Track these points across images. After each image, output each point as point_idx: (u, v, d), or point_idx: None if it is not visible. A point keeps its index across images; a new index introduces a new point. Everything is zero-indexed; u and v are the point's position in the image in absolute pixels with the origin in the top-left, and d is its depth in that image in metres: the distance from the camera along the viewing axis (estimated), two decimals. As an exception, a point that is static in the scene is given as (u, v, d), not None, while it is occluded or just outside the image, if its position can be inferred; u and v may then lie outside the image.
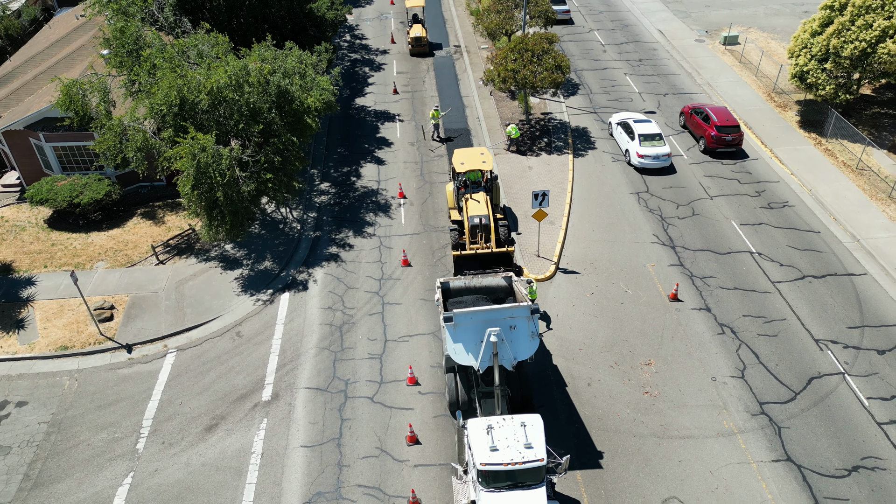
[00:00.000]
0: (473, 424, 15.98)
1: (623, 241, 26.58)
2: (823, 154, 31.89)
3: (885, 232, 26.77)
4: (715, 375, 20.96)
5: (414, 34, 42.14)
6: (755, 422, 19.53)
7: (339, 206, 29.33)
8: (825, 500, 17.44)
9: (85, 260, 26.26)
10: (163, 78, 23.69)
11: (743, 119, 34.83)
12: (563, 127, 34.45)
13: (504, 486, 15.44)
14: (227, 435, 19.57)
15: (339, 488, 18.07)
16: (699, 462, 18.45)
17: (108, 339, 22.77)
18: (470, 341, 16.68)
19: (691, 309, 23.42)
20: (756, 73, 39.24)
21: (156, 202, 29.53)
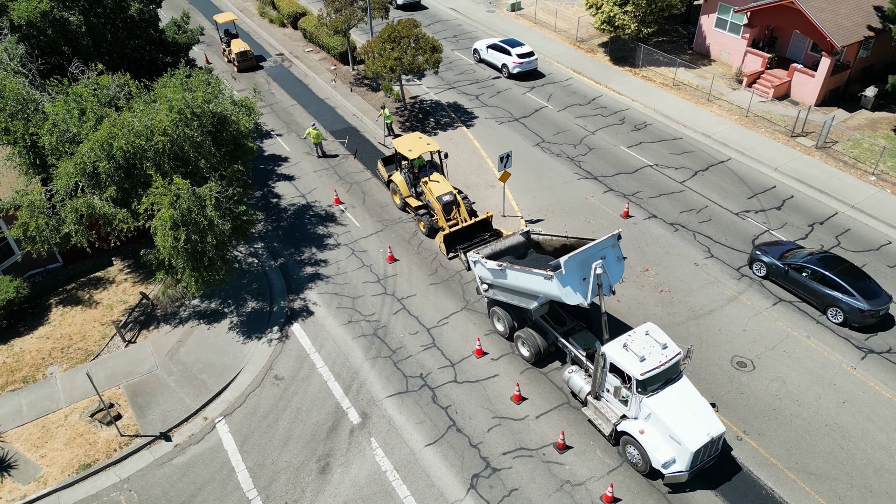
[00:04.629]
0: (611, 348, 17.87)
1: (556, 185, 29.84)
2: (644, 80, 38.63)
3: (722, 125, 33.92)
4: (695, 261, 25.39)
5: (238, 49, 40.15)
6: (743, 283, 24.35)
7: (281, 230, 27.91)
8: (817, 316, 22.79)
9: (30, 371, 21.67)
10: (89, 131, 20.52)
11: (569, 66, 40.29)
12: (438, 105, 36.44)
13: (658, 387, 17.68)
14: (346, 468, 18.64)
15: (489, 464, 18.61)
16: (732, 325, 22.61)
17: (135, 437, 19.56)
18: (575, 281, 18.35)
19: (643, 220, 27.63)
20: (554, 29, 45.20)
21: (66, 285, 25.05)
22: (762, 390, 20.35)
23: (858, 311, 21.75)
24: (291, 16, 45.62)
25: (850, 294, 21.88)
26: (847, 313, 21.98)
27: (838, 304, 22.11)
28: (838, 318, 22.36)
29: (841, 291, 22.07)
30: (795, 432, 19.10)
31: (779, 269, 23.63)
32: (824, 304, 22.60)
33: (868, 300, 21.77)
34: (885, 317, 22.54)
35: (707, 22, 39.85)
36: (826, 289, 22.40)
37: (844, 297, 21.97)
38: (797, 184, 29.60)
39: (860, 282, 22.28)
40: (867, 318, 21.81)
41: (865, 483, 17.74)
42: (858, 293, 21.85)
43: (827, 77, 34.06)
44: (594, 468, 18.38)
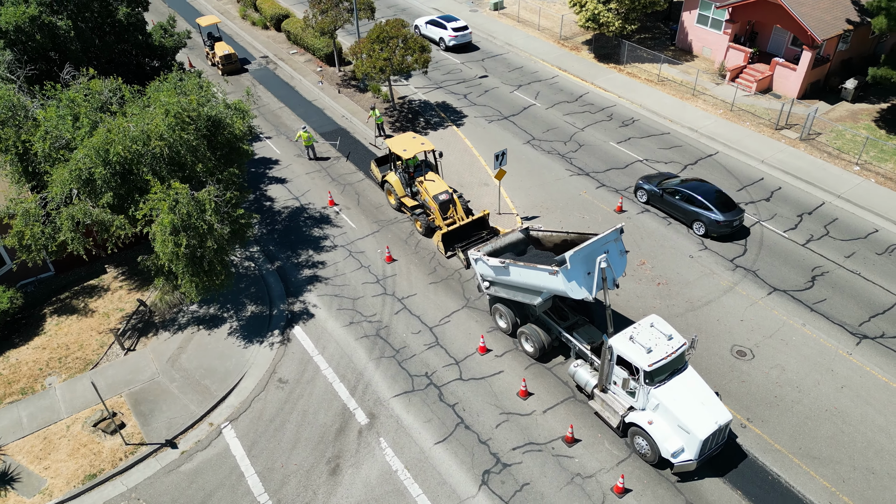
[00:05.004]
0: (617, 340, 18.08)
1: (549, 182, 30.06)
2: (629, 77, 39.06)
3: (707, 120, 34.43)
4: (690, 254, 25.76)
5: (222, 52, 39.81)
6: (737, 274, 24.75)
7: (276, 233, 27.75)
8: (811, 304, 23.27)
9: (28, 382, 21.30)
10: (84, 137, 20.25)
11: (554, 64, 40.58)
12: (426, 105, 36.48)
13: (665, 378, 17.93)
14: (357, 469, 18.62)
15: (499, 459, 18.71)
16: (729, 315, 22.98)
17: (140, 445, 19.33)
18: (580, 276, 18.52)
19: (637, 214, 27.95)
20: (538, 27, 45.49)
21: (59, 295, 24.66)
22: (763, 378, 20.72)
23: (716, 222, 25.67)
24: (274, 18, 45.35)
25: (709, 209, 25.76)
26: (707, 225, 25.95)
27: (700, 218, 26.09)
28: (701, 231, 26.31)
29: (702, 207, 25.99)
30: (797, 418, 19.50)
31: (656, 194, 27.52)
32: (690, 219, 26.60)
33: (723, 213, 25.52)
34: (738, 227, 26.22)
35: (688, 18, 40.41)
36: (691, 206, 26.38)
37: (704, 211, 25.89)
38: (784, 175, 30.16)
39: (718, 199, 26.01)
40: (722, 227, 25.68)
41: (867, 465, 18.17)
42: (716, 208, 25.68)
43: (808, 70, 34.75)
44: (603, 460, 18.58)
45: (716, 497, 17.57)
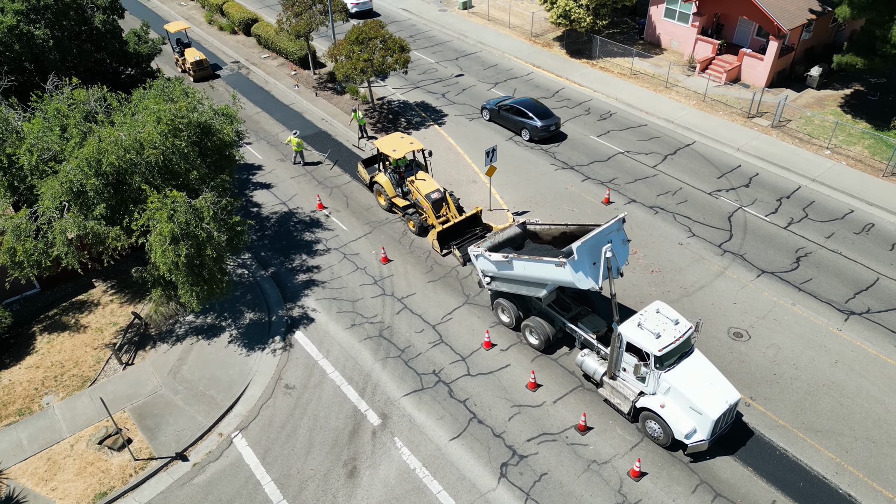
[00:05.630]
0: (626, 328, 18.47)
1: (535, 177, 30.42)
2: (602, 71, 39.76)
3: (682, 111, 35.29)
4: (679, 241, 26.39)
5: (193, 58, 39.09)
6: (726, 259, 25.48)
7: (266, 239, 27.44)
8: (798, 284, 24.11)
9: (24, 403, 20.64)
10: (73, 148, 19.73)
11: (528, 61, 41.03)
12: (406, 105, 36.50)
13: (674, 362, 18.39)
14: (375, 469, 18.60)
15: (515, 451, 18.91)
16: (722, 299, 23.65)
17: (150, 460, 18.93)
18: (586, 266, 18.84)
19: (624, 204, 28.50)
20: (509, 25, 45.91)
21: (48, 312, 23.94)
22: (761, 357, 21.40)
23: (535, 127, 32.15)
24: (243, 22, 44.74)
25: (530, 118, 32.30)
26: (530, 131, 32.44)
27: (525, 125, 32.57)
28: (526, 136, 32.84)
29: (525, 117, 32.56)
30: (797, 394, 20.20)
31: (494, 111, 34.03)
32: (518, 127, 33.12)
33: (541, 120, 32.13)
34: (555, 132, 32.73)
35: (656, 12, 41.31)
36: (518, 117, 32.92)
37: (528, 120, 32.42)
38: (760, 162, 31.13)
39: (537, 109, 32.67)
40: (541, 132, 32.20)
41: (867, 435, 18.94)
42: (536, 117, 32.22)
43: (775, 60, 35.92)
44: (617, 446, 18.95)
45: (728, 475, 18.09)
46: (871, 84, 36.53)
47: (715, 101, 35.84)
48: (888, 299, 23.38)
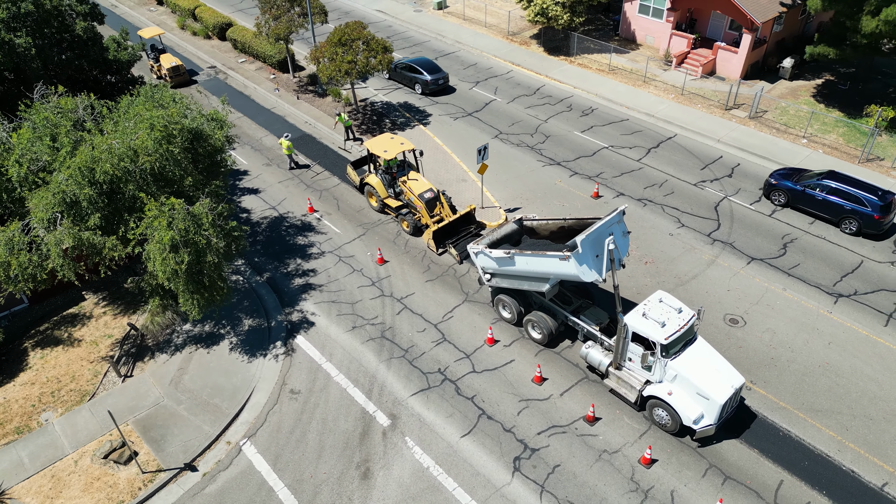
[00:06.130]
0: (631, 318, 18.77)
1: (524, 173, 30.66)
2: (580, 68, 40.23)
3: (661, 104, 35.93)
4: (670, 232, 26.88)
5: (169, 64, 38.46)
6: (716, 247, 26.03)
7: (259, 244, 27.16)
8: (787, 269, 24.76)
9: (22, 421, 20.13)
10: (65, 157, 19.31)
11: (507, 59, 41.31)
12: (389, 106, 36.45)
13: (679, 349, 18.75)
14: (388, 470, 18.59)
15: (526, 445, 19.08)
16: (716, 286, 24.16)
17: (158, 472, 18.62)
18: (590, 259, 19.10)
19: (613, 198, 28.92)
20: (485, 24, 46.14)
21: (38, 326, 23.37)
22: (757, 342, 21.94)
23: (426, 82, 36.86)
24: (217, 27, 44.16)
25: (421, 73, 36.95)
26: (421, 85, 37.18)
27: (417, 80, 37.21)
28: (419, 90, 37.43)
29: (417, 73, 37.15)
30: (795, 376, 20.76)
31: (393, 69, 38.31)
32: (413, 83, 37.63)
33: (430, 75, 36.77)
34: (444, 86, 37.42)
35: (630, 8, 41.95)
36: (411, 73, 37.56)
37: (419, 75, 37.00)
38: (740, 152, 31.86)
39: (428, 66, 37.23)
40: (431, 85, 36.85)
41: (865, 413, 19.57)
42: (426, 72, 36.86)
43: (749, 52, 36.78)
44: (626, 435, 19.25)
45: (735, 457, 18.53)
46: (841, 74, 37.64)
47: (693, 95, 36.55)
48: (873, 281, 24.15)
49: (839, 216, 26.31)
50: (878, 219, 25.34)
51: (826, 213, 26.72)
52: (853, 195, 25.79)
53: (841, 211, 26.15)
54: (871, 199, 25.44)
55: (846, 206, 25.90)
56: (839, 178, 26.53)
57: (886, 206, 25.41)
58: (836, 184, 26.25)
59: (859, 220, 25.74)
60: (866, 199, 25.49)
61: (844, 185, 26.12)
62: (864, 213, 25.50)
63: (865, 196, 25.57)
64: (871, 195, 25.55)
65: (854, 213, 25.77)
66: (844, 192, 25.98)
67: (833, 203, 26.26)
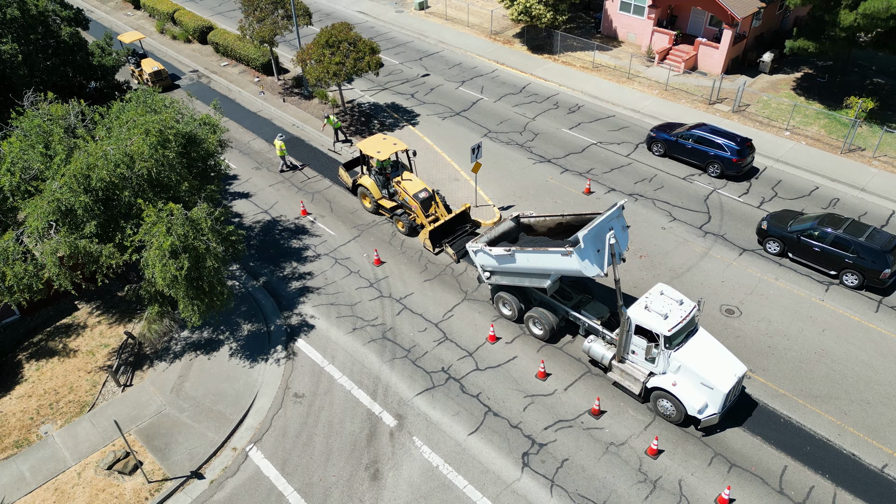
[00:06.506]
0: (634, 311, 18.99)
1: (515, 171, 30.83)
2: (564, 66, 40.53)
3: (646, 100, 36.35)
4: (662, 226, 27.22)
5: (151, 69, 37.95)
6: (708, 240, 26.43)
7: (253, 249, 26.94)
8: (773, 259, 25.25)
9: (21, 434, 19.74)
10: (59, 165, 19.00)
11: (491, 58, 41.48)
12: (377, 107, 36.38)
13: (681, 341, 19.02)
14: (398, 470, 18.58)
15: (534, 440, 19.20)
16: (710, 278, 24.53)
17: (164, 481, 18.40)
18: (592, 254, 19.28)
19: (604, 194, 29.20)
20: (467, 24, 46.26)
21: (31, 338, 22.93)
22: (754, 331, 22.32)
23: None
24: (197, 30, 43.67)
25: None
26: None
27: None
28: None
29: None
30: (792, 363, 21.17)
31: None
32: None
33: None
34: None
35: (612, 6, 42.36)
36: None
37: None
38: (726, 146, 32.34)
39: None
40: None
41: (861, 397, 20.03)
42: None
43: (730, 47, 37.37)
44: (631, 427, 19.47)
45: (739, 445, 18.84)
46: (819, 67, 38.42)
47: (676, 90, 37.05)
48: (862, 268, 24.69)
49: (705, 161, 29.91)
50: (736, 161, 28.98)
51: (695, 160, 30.30)
52: (715, 142, 29.38)
53: (706, 157, 29.76)
54: (730, 144, 29.07)
55: (710, 152, 29.51)
56: (705, 129, 30.07)
57: (742, 150, 28.97)
58: (701, 133, 29.84)
59: (721, 163, 29.35)
60: (726, 145, 29.11)
61: (708, 133, 29.70)
62: (725, 158, 29.10)
63: (725, 142, 29.17)
64: (731, 142, 29.12)
65: (717, 157, 29.38)
66: (708, 140, 29.58)
67: (699, 150, 29.86)
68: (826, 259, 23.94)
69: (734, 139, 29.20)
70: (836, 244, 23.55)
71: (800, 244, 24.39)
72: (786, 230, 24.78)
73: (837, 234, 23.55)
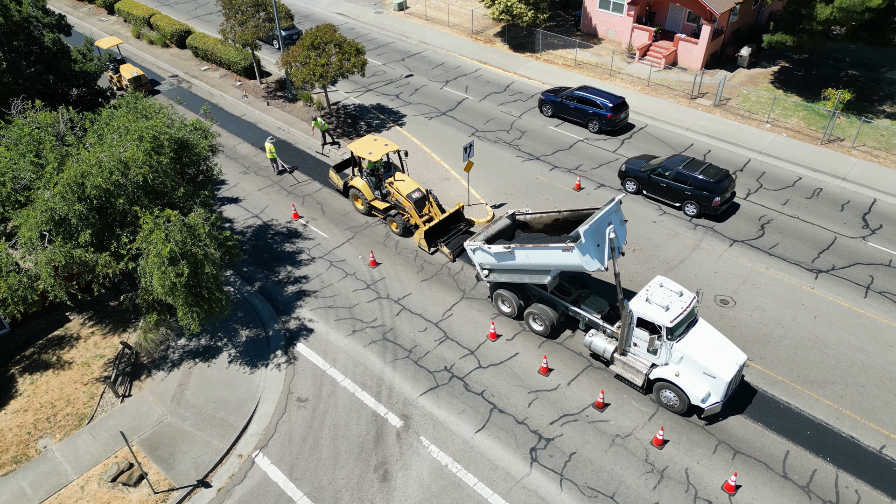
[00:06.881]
0: (636, 304, 19.23)
1: (504, 169, 30.97)
2: (547, 64, 40.83)
3: (629, 96, 36.57)
4: (653, 219, 27.59)
5: (130, 74, 37.35)
6: (699, 232, 26.84)
7: (245, 254, 26.66)
8: (768, 249, 25.74)
9: (19, 450, 19.31)
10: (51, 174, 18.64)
11: (473, 58, 41.60)
12: (363, 108, 36.27)
13: (683, 331, 19.30)
14: (407, 470, 18.57)
15: (541, 435, 19.33)
16: (703, 269, 24.93)
17: (170, 491, 18.15)
18: (592, 249, 19.48)
19: (594, 190, 29.50)
20: (448, 24, 46.34)
21: (23, 352, 22.44)
22: (748, 320, 22.74)
23: None
24: (175, 35, 43.09)
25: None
26: None
27: None
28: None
29: None
30: (787, 350, 21.61)
31: None
32: None
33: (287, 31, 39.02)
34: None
35: (591, 3, 42.78)
36: None
37: None
38: (710, 139, 32.91)
39: None
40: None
41: (856, 381, 20.53)
42: None
43: (709, 43, 37.99)
44: (635, 418, 19.70)
45: (741, 432, 19.19)
46: (795, 60, 39.24)
47: (658, 85, 37.54)
48: (848, 255, 25.31)
49: (585, 119, 33.36)
50: (611, 117, 32.40)
51: (577, 118, 33.71)
52: (593, 101, 32.83)
53: (586, 114, 33.19)
54: (605, 102, 32.48)
55: (589, 110, 32.98)
56: (586, 90, 33.50)
57: (617, 107, 32.41)
58: (582, 94, 33.32)
59: (598, 120, 32.74)
60: (601, 103, 32.56)
61: (588, 94, 33.14)
62: (601, 114, 32.55)
63: (601, 101, 32.62)
64: (605, 100, 32.53)
65: (595, 115, 32.80)
66: (588, 100, 33.03)
67: (581, 109, 33.28)
68: (670, 192, 27.68)
69: (609, 98, 32.66)
70: (677, 179, 27.27)
71: (650, 181, 28.13)
72: (639, 170, 28.38)
73: (678, 170, 27.22)
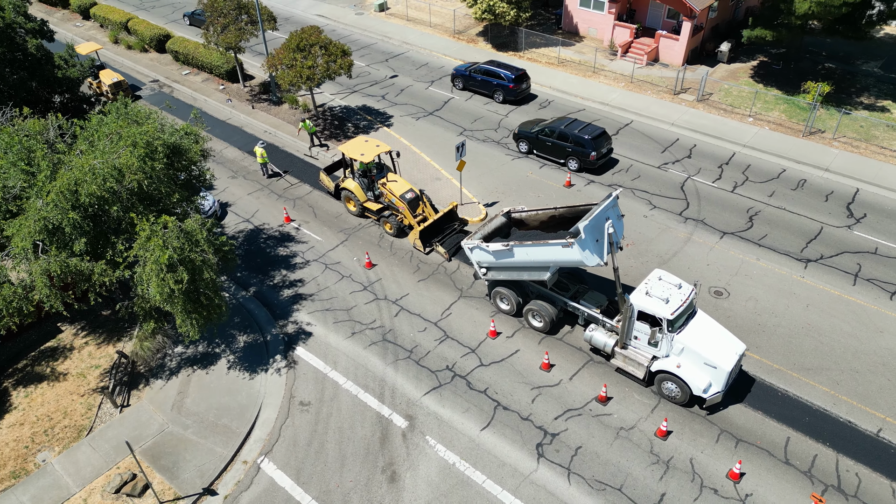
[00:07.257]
0: (636, 297, 19.43)
1: (495, 168, 31.09)
2: (530, 62, 41.04)
3: (614, 93, 37.15)
4: (644, 214, 27.90)
5: (110, 80, 36.77)
6: (689, 225, 27.21)
7: (239, 258, 26.38)
8: (757, 240, 26.19)
9: (17, 464, 18.92)
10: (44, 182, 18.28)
11: (457, 57, 41.65)
12: (349, 110, 36.12)
13: (683, 323, 19.56)
14: (415, 470, 18.56)
15: (546, 431, 19.45)
16: (696, 262, 25.27)
17: (176, 500, 17.93)
18: (591, 244, 19.64)
19: (584, 186, 29.74)
20: (430, 24, 46.35)
21: (15, 364, 21.98)
22: (743, 310, 23.12)
23: None
24: (154, 39, 42.52)
25: None
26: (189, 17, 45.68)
27: None
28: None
29: None
30: (782, 339, 22.01)
31: None
32: None
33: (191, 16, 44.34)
34: None
35: (571, 2, 43.11)
36: None
37: None
38: (694, 134, 33.37)
39: None
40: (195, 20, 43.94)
41: (850, 367, 20.98)
42: None
43: (689, 39, 38.52)
44: (638, 410, 19.92)
45: (743, 420, 19.50)
46: (773, 55, 39.96)
47: (641, 82, 37.96)
48: (835, 245, 25.85)
49: (491, 90, 35.98)
50: (513, 88, 35.17)
51: (484, 90, 36.35)
52: (497, 73, 35.46)
53: (491, 86, 35.83)
54: (507, 74, 35.25)
55: (493, 81, 35.66)
56: (492, 64, 36.22)
57: (518, 78, 35.16)
58: (487, 67, 36.00)
59: (502, 90, 35.43)
60: (504, 75, 35.29)
61: (493, 67, 35.80)
62: (504, 85, 35.27)
63: (504, 73, 35.35)
64: (508, 72, 35.30)
65: (499, 86, 35.48)
66: (492, 72, 35.64)
67: (486, 80, 35.93)
68: (555, 150, 30.49)
69: (511, 70, 35.41)
70: (560, 138, 30.13)
71: (538, 140, 30.88)
72: (529, 132, 31.06)
73: (560, 129, 30.13)
